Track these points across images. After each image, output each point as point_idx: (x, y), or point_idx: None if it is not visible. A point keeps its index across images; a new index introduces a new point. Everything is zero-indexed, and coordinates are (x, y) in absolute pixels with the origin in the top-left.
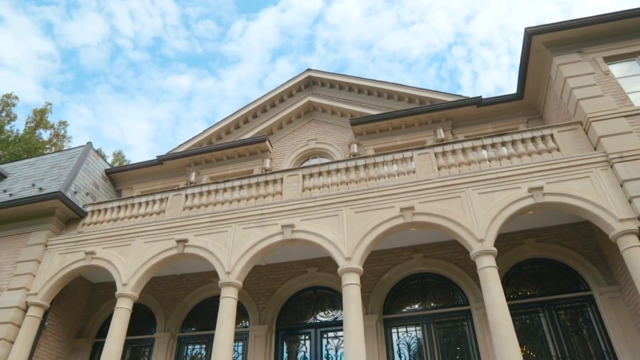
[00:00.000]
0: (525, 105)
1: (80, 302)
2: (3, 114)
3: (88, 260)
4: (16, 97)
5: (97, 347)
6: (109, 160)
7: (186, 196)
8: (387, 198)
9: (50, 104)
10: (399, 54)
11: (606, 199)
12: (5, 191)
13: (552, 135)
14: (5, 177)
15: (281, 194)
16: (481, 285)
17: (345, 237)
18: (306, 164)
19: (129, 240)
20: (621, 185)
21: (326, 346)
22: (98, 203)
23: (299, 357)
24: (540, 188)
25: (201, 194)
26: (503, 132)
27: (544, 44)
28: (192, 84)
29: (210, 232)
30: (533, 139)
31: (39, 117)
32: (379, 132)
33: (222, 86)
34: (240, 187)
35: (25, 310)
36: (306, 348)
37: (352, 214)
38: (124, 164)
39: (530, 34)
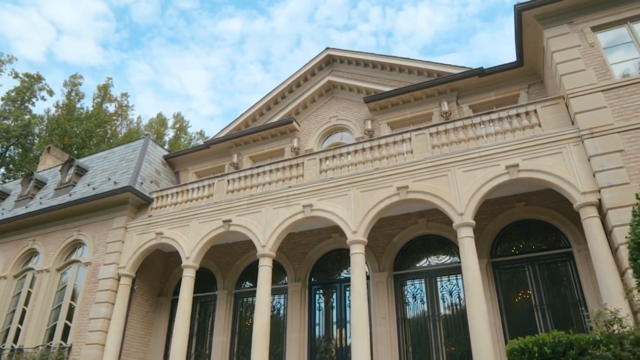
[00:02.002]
0: (527, 71)
1: (158, 268)
2: (72, 94)
3: (158, 239)
4: (81, 77)
5: (175, 303)
6: (170, 122)
7: (228, 181)
8: (387, 178)
9: (111, 79)
10: None
11: (573, 173)
12: (89, 185)
13: (535, 111)
14: (86, 171)
15: (302, 176)
16: (460, 252)
17: (352, 214)
18: (328, 140)
19: (187, 222)
20: (588, 160)
21: (348, 297)
22: (160, 190)
23: (327, 306)
24: (516, 165)
25: (239, 178)
26: (490, 111)
27: (535, 17)
28: (243, 26)
29: (249, 212)
30: (518, 115)
31: (103, 93)
32: (391, 106)
33: (272, 25)
34: (270, 170)
35: (118, 280)
36: (333, 299)
37: (358, 193)
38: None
39: (520, 11)
